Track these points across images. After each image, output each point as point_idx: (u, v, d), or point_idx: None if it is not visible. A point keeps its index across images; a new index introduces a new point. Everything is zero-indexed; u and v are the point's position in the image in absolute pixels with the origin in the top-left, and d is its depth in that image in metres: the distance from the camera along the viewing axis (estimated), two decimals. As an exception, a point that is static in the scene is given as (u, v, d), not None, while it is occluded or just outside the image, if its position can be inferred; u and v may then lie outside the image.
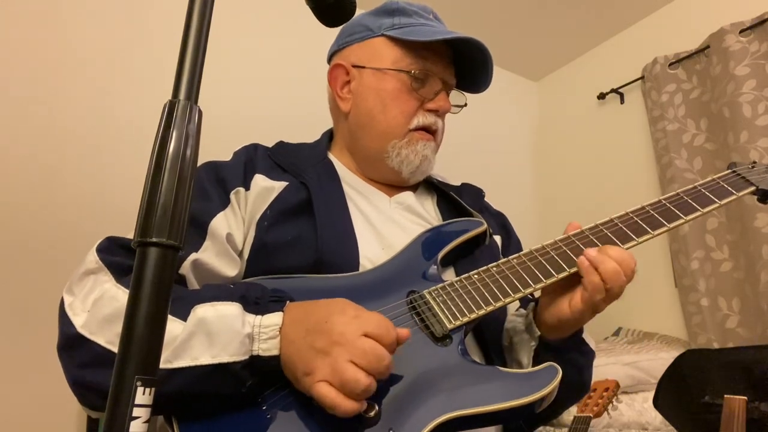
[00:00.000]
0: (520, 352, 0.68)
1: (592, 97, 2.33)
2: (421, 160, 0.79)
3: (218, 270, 0.65)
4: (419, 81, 0.78)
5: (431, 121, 0.79)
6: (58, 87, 1.43)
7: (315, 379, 0.48)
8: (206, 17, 0.35)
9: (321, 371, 0.48)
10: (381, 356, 0.49)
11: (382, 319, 0.52)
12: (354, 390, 0.47)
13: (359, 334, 0.49)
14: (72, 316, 0.53)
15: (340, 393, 0.47)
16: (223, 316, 0.51)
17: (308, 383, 0.49)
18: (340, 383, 0.47)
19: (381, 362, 0.48)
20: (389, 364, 0.50)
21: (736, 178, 0.71)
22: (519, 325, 0.71)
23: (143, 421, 0.27)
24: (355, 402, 0.47)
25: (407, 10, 0.81)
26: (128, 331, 0.28)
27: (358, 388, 0.47)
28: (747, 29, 1.73)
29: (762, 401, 0.95)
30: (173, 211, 0.30)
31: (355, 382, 0.47)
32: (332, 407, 0.47)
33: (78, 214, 1.39)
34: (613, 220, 0.66)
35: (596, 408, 1.17)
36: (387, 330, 0.51)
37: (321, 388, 0.47)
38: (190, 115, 0.32)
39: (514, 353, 0.70)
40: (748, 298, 1.63)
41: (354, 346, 0.48)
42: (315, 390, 0.48)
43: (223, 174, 0.72)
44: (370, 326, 0.50)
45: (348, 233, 0.71)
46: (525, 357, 0.67)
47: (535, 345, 0.66)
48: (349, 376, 0.47)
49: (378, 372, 0.48)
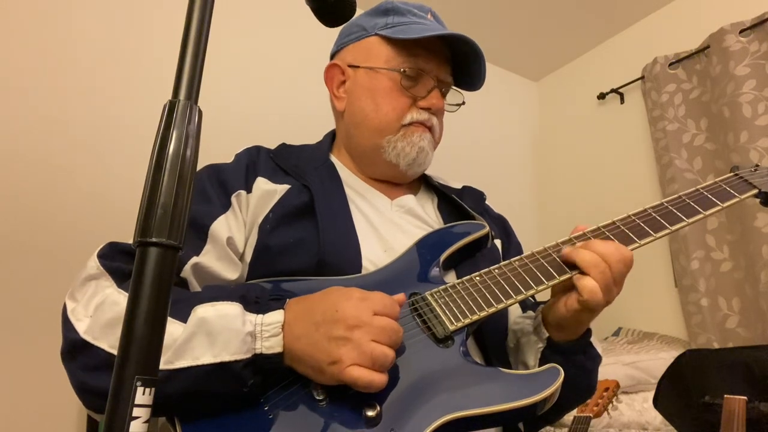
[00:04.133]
0: (527, 353, 0.68)
1: (592, 97, 2.33)
2: (417, 152, 0.79)
3: (219, 273, 0.65)
4: (411, 79, 0.78)
5: (424, 118, 0.79)
6: (57, 87, 1.43)
7: (344, 366, 0.50)
8: (206, 17, 0.35)
9: (348, 356, 0.50)
10: (396, 329, 0.53)
11: (383, 296, 0.55)
12: (384, 364, 0.51)
13: (371, 313, 0.52)
14: (75, 321, 0.53)
15: (371, 370, 0.50)
16: (224, 315, 0.51)
17: (336, 371, 0.50)
18: (371, 361, 0.50)
19: (398, 333, 0.53)
20: (402, 333, 0.55)
21: (739, 180, 0.71)
22: (527, 327, 0.71)
23: (143, 421, 0.27)
24: (383, 375, 0.51)
25: (401, 9, 0.81)
26: (128, 331, 0.28)
27: (387, 361, 0.51)
28: (747, 29, 1.73)
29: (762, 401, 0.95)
30: (173, 211, 0.30)
31: (384, 356, 0.51)
32: (368, 385, 0.50)
33: (78, 215, 1.39)
34: (615, 222, 0.66)
35: (596, 408, 1.17)
36: (392, 304, 0.55)
37: (354, 371, 0.50)
38: (190, 115, 0.32)
39: (520, 354, 0.70)
40: (748, 298, 1.63)
41: (372, 326, 0.51)
42: (347, 374, 0.50)
43: (225, 177, 0.72)
44: (378, 305, 0.54)
45: (350, 236, 0.71)
46: (531, 358, 0.67)
47: (542, 346, 0.66)
48: (379, 352, 0.50)
49: (396, 343, 0.53)
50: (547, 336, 0.66)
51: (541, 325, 0.67)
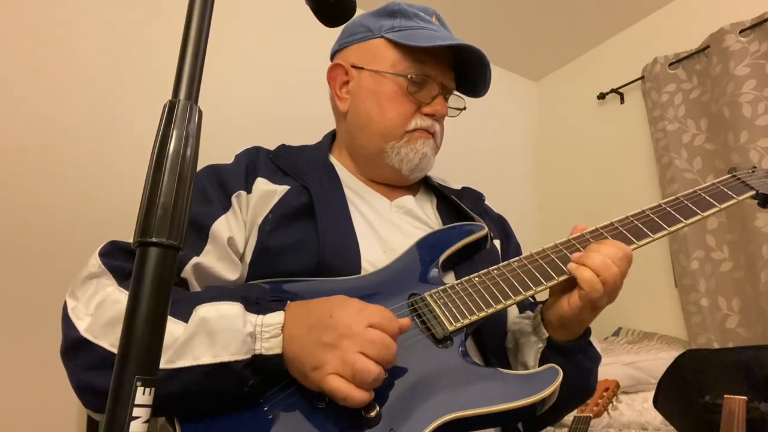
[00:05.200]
0: (527, 353, 0.68)
1: (592, 97, 2.33)
2: (420, 158, 0.79)
3: (219, 274, 0.65)
4: (417, 85, 0.78)
5: (428, 125, 0.79)
6: (57, 87, 1.43)
7: (325, 373, 0.49)
8: (206, 17, 0.35)
9: (330, 364, 0.49)
10: (388, 345, 0.51)
11: (384, 310, 0.54)
12: (366, 380, 0.48)
13: (365, 325, 0.51)
14: (75, 320, 0.53)
15: (351, 384, 0.48)
16: (225, 315, 0.51)
17: (318, 377, 0.49)
18: (352, 374, 0.48)
19: (389, 350, 0.50)
20: (395, 353, 0.51)
21: (736, 182, 0.71)
22: (526, 327, 0.71)
23: (143, 421, 0.27)
24: (365, 391, 0.49)
25: (408, 12, 0.80)
26: (128, 330, 0.28)
27: (370, 378, 0.48)
28: (747, 29, 1.73)
29: (762, 401, 0.95)
30: (173, 211, 0.30)
31: (367, 372, 0.48)
32: (344, 398, 0.48)
33: (78, 215, 1.39)
34: (614, 223, 0.67)
35: (596, 408, 1.17)
36: (390, 320, 0.53)
37: (332, 381, 0.48)
38: (190, 114, 0.32)
39: (520, 355, 0.70)
40: (748, 298, 1.63)
41: (362, 337, 0.50)
42: (326, 383, 0.48)
43: (225, 177, 0.73)
44: (375, 317, 0.52)
45: (349, 237, 0.71)
46: (531, 359, 0.67)
47: (542, 346, 0.66)
48: (361, 366, 0.48)
49: (386, 360, 0.50)
50: (547, 336, 0.66)
51: (541, 325, 0.67)
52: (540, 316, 0.68)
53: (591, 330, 0.68)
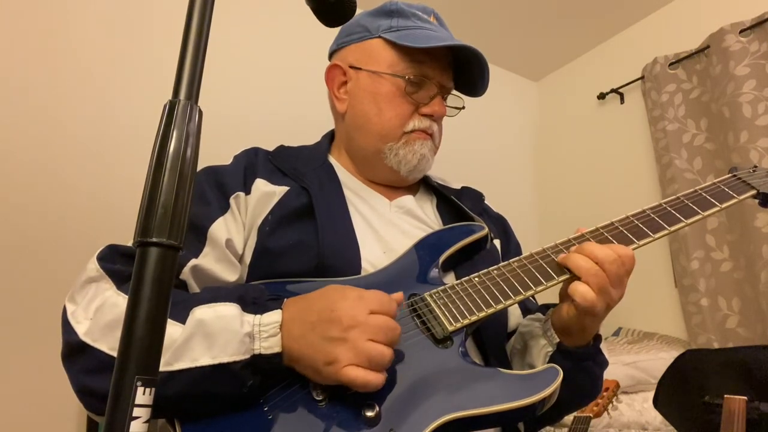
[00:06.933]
0: (535, 355, 0.68)
1: (592, 97, 2.33)
2: (419, 159, 0.79)
3: (218, 275, 0.65)
4: (415, 85, 0.77)
5: (426, 125, 0.79)
6: (58, 87, 1.43)
7: (341, 366, 0.50)
8: (206, 17, 0.35)
9: (344, 356, 0.50)
10: (393, 327, 0.53)
11: (380, 294, 0.55)
12: (381, 363, 0.51)
13: (367, 312, 0.52)
14: (75, 324, 0.53)
15: (368, 370, 0.50)
16: (222, 316, 0.51)
17: (334, 370, 0.50)
18: (368, 361, 0.50)
19: (395, 332, 0.53)
20: (400, 331, 0.54)
21: (737, 181, 0.71)
22: (536, 330, 0.70)
23: (143, 421, 0.27)
24: (381, 374, 0.51)
25: (405, 11, 0.80)
26: (128, 331, 0.28)
27: (385, 360, 0.51)
28: (747, 29, 1.73)
29: (762, 401, 0.95)
30: (173, 211, 0.30)
31: (381, 356, 0.51)
32: (365, 385, 0.50)
33: (78, 215, 1.39)
34: (614, 223, 0.66)
35: (596, 408, 1.17)
36: (389, 302, 0.55)
37: (350, 372, 0.50)
38: (190, 114, 0.32)
39: (527, 357, 0.70)
40: (748, 298, 1.63)
41: (368, 325, 0.51)
42: (343, 375, 0.50)
43: (223, 179, 0.72)
44: (374, 303, 0.53)
45: (349, 237, 0.71)
46: (539, 361, 0.67)
47: (551, 350, 0.66)
48: (375, 352, 0.50)
49: (394, 342, 0.53)
50: (558, 341, 0.65)
51: (551, 329, 0.67)
52: (550, 321, 0.68)
53: (602, 337, 0.68)
